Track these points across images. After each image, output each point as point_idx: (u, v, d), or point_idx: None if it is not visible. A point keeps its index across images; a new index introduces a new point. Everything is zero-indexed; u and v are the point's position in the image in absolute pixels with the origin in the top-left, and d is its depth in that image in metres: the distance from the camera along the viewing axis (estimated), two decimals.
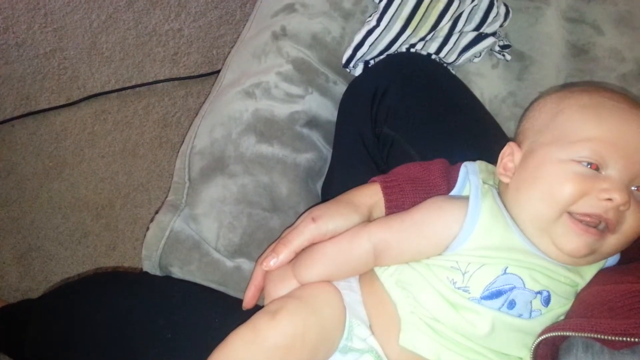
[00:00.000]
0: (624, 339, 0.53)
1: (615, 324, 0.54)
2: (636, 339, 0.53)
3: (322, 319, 0.63)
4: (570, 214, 0.61)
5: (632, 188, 0.61)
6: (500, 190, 0.69)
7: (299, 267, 0.68)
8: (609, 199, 0.59)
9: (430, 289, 0.64)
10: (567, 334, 0.57)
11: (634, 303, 0.56)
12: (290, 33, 1.00)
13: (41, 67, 1.55)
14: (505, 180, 0.68)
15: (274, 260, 0.69)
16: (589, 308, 0.60)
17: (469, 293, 0.62)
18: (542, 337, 0.59)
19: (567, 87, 0.71)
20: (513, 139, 0.72)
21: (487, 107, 0.97)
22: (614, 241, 0.61)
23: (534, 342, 0.60)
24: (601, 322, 0.55)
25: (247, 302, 0.73)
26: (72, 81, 1.54)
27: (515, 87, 1.02)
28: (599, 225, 0.60)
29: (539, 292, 0.62)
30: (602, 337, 0.54)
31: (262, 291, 0.73)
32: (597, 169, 0.61)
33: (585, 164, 0.61)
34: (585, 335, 0.56)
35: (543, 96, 0.72)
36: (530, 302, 0.62)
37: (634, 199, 0.61)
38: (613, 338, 0.54)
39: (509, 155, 0.69)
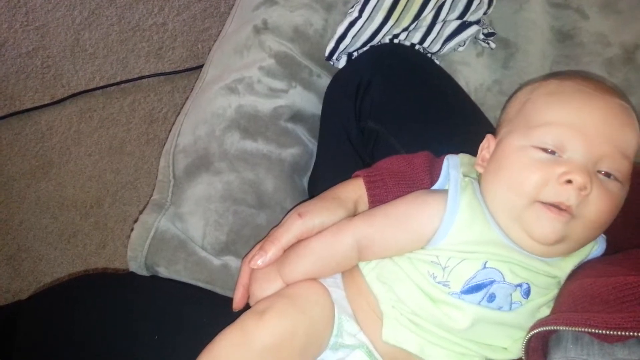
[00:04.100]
0: (618, 332, 0.53)
1: (608, 318, 0.54)
2: (630, 333, 0.52)
3: (311, 317, 0.62)
4: (541, 202, 0.60)
5: (601, 173, 0.61)
6: (480, 182, 0.69)
7: (284, 264, 0.67)
8: (569, 181, 0.59)
9: (409, 283, 0.64)
10: (560, 328, 0.57)
11: (626, 296, 0.56)
12: (272, 26, 0.99)
13: (24, 66, 1.53)
14: (481, 170, 0.68)
15: (262, 259, 0.68)
16: (578, 301, 0.60)
17: (449, 288, 0.62)
18: (535, 332, 0.59)
19: (547, 76, 0.71)
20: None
21: (473, 96, 0.97)
22: (581, 226, 0.60)
23: (526, 336, 0.60)
24: (594, 317, 0.55)
25: (237, 303, 0.72)
26: (56, 79, 1.53)
27: (500, 75, 1.01)
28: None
29: (519, 285, 0.62)
30: (596, 331, 0.54)
31: None
32: (556, 152, 0.61)
33: (545, 147, 0.61)
34: (579, 329, 0.56)
35: (521, 87, 0.72)
36: (510, 294, 0.62)
37: (598, 182, 0.60)
38: (607, 332, 0.53)
39: (487, 147, 0.69)
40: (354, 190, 0.72)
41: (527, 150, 0.62)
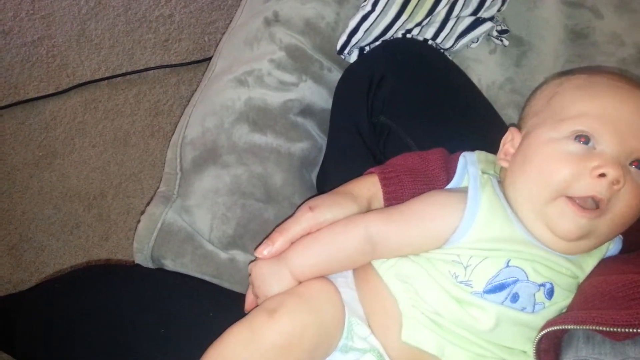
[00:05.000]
0: (626, 330, 0.52)
1: (616, 315, 0.53)
2: (637, 330, 0.52)
3: (321, 317, 0.61)
4: (568, 197, 0.59)
5: (633, 167, 0.60)
6: (502, 178, 0.68)
7: (292, 254, 0.66)
8: (602, 175, 0.58)
9: (433, 283, 0.63)
10: (569, 327, 0.56)
11: (636, 293, 0.55)
12: (283, 19, 0.98)
13: (29, 55, 1.52)
14: (505, 164, 0.67)
15: (268, 249, 0.67)
16: (589, 299, 0.60)
17: (472, 287, 0.61)
18: (544, 332, 0.58)
19: (573, 71, 0.70)
20: (513, 126, 0.71)
21: (485, 93, 0.95)
22: (607, 222, 0.60)
23: (536, 337, 0.59)
24: (602, 314, 0.54)
25: (249, 304, 0.71)
26: (61, 69, 1.52)
27: (513, 73, 1.00)
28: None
29: (542, 285, 0.61)
30: (604, 329, 0.53)
31: None
32: (588, 142, 0.60)
33: (577, 138, 0.60)
34: (587, 327, 0.55)
35: (546, 81, 0.71)
36: (534, 294, 0.61)
37: (630, 177, 0.59)
38: (615, 329, 0.53)
39: (510, 140, 0.68)
40: (368, 187, 0.71)
41: (559, 143, 0.61)
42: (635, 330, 0.52)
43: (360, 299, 0.66)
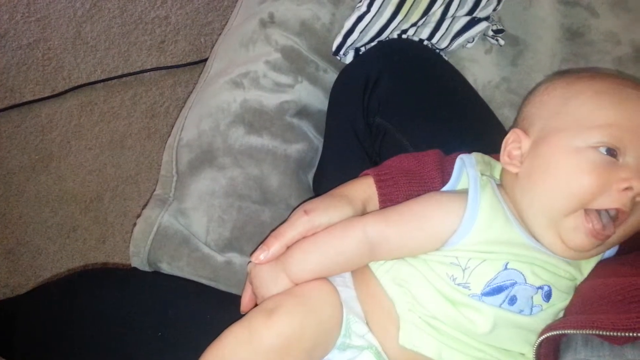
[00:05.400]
0: (626, 334, 0.52)
1: (615, 319, 0.53)
2: (637, 334, 0.52)
3: (319, 317, 0.61)
4: (586, 210, 0.59)
5: None
6: (504, 181, 0.67)
7: (290, 259, 0.65)
8: (629, 188, 0.57)
9: (428, 286, 0.62)
10: (568, 332, 0.56)
11: (634, 296, 0.55)
12: (279, 20, 0.98)
13: (25, 58, 1.52)
14: (514, 169, 0.65)
15: (264, 254, 0.66)
16: (587, 302, 0.59)
17: (470, 289, 0.61)
18: (544, 337, 0.58)
19: (572, 73, 0.69)
20: (512, 126, 0.70)
21: (481, 93, 0.95)
22: (620, 232, 0.60)
23: (535, 342, 0.59)
24: (601, 318, 0.54)
25: (245, 306, 0.70)
26: (57, 72, 1.51)
27: (509, 73, 1.00)
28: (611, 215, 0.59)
29: (540, 287, 0.61)
30: (604, 333, 0.53)
31: None
32: (615, 155, 0.59)
33: (604, 149, 0.59)
34: (586, 332, 0.55)
35: (549, 80, 0.69)
36: (532, 297, 0.61)
37: None
38: (614, 334, 0.53)
39: (514, 142, 0.66)
40: (363, 189, 0.70)
41: (584, 153, 0.60)
42: (635, 334, 0.52)
43: (360, 299, 0.66)
